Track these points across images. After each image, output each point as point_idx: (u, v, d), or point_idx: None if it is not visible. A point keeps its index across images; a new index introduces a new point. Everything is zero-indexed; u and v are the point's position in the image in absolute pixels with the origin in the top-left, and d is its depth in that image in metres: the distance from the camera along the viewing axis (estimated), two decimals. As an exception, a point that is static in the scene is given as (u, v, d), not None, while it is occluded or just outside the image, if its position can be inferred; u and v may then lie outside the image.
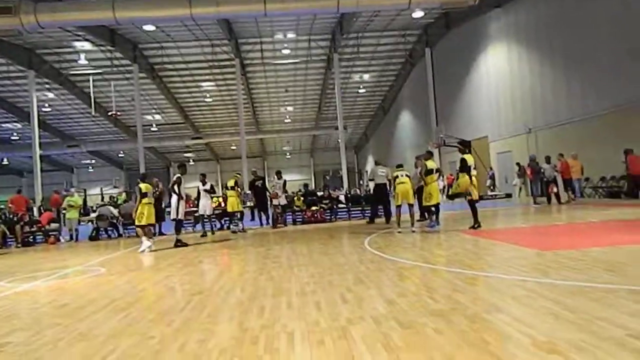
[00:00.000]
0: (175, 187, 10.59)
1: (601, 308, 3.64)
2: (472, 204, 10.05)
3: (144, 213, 10.37)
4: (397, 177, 10.59)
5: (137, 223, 10.51)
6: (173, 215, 10.74)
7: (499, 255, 6.52)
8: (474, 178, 10.10)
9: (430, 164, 10.49)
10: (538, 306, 3.84)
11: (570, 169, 15.69)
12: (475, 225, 9.83)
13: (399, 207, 10.58)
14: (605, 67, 16.12)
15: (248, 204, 17.67)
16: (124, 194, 30.70)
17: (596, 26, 16.35)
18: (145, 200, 10.51)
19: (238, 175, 15.01)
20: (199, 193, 13.07)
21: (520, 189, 20.93)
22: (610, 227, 8.97)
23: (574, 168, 15.74)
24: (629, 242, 6.69)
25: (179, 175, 10.87)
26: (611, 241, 6.90)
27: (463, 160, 10.02)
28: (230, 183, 14.22)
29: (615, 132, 15.51)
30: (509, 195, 21.74)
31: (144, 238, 10.26)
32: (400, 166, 11.06)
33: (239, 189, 14.16)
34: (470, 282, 4.93)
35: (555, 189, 15.93)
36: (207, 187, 13.24)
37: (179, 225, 10.90)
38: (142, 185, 10.75)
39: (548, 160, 16.06)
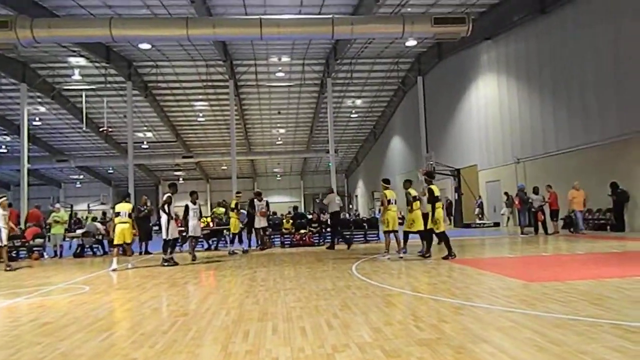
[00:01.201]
0: (166, 207, 10.58)
1: (585, 342, 3.67)
2: (441, 235, 10.03)
3: (116, 232, 10.60)
4: (390, 201, 10.50)
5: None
6: (164, 235, 10.79)
7: (486, 285, 6.54)
8: (439, 209, 10.10)
9: (436, 190, 10.24)
10: (523, 338, 3.86)
11: (572, 200, 15.16)
12: (451, 255, 9.74)
13: (390, 233, 10.49)
14: (591, 101, 16.51)
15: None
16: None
17: (583, 60, 16.80)
18: (117, 220, 10.70)
19: (239, 196, 14.87)
20: (186, 212, 12.04)
21: (508, 218, 21.12)
22: (596, 259, 9.05)
23: (575, 199, 15.14)
24: (614, 275, 6.76)
25: (169, 194, 10.86)
26: (597, 274, 6.97)
27: (431, 191, 10.00)
28: (232, 204, 14.10)
29: (601, 165, 15.80)
30: (497, 224, 21.89)
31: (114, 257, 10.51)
32: (387, 184, 10.90)
33: (237, 211, 14.02)
34: (456, 311, 4.94)
35: (542, 217, 16.07)
36: (196, 207, 12.53)
37: (166, 245, 10.84)
38: (117, 205, 10.97)
39: (536, 191, 16.26)
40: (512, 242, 13.89)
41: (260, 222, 14.57)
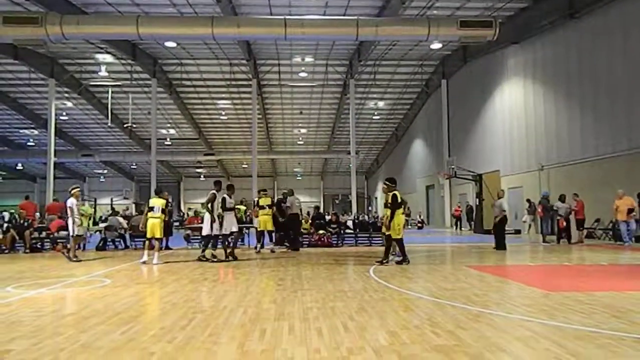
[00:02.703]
0: (209, 205, 10.75)
1: (606, 355, 3.59)
2: (398, 241, 9.84)
3: (147, 226, 10.85)
4: (401, 204, 9.94)
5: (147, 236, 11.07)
6: (204, 232, 11.05)
7: (505, 292, 6.45)
8: (402, 216, 9.90)
9: (397, 194, 9.92)
10: (542, 349, 3.79)
11: (616, 210, 14.19)
12: (385, 261, 9.71)
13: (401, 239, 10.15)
14: (619, 109, 16.14)
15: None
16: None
17: (612, 67, 16.44)
18: (149, 215, 10.90)
19: (266, 194, 14.39)
20: (224, 205, 11.02)
21: (529, 225, 20.75)
22: (619, 271, 8.84)
23: (620, 208, 14.07)
24: (638, 289, 6.60)
25: (214, 192, 10.90)
26: (620, 286, 6.80)
27: (395, 197, 9.75)
28: (266, 201, 13.85)
29: (627, 175, 15.42)
30: (517, 232, 21.54)
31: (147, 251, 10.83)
32: (394, 184, 10.18)
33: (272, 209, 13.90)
34: (474, 318, 4.88)
35: (564, 224, 15.66)
36: (232, 201, 11.52)
37: (207, 240, 11.17)
38: (151, 200, 11.22)
39: (563, 199, 15.88)
40: (533, 250, 13.65)
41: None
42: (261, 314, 5.18)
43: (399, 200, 9.83)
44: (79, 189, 11.86)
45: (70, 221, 11.37)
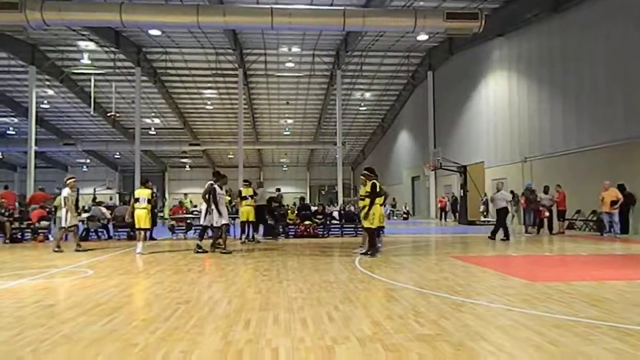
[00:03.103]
0: (206, 196, 10.65)
1: (583, 343, 3.67)
2: (371, 232, 9.69)
3: (134, 217, 10.88)
4: (380, 194, 9.80)
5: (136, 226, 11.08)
6: (201, 221, 11.10)
7: (488, 283, 6.54)
8: (380, 207, 9.75)
9: (377, 183, 9.82)
10: (522, 337, 3.86)
11: (601, 201, 14.09)
12: (369, 252, 9.60)
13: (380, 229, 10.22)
14: (602, 102, 16.37)
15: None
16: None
17: (595, 61, 16.64)
18: (135, 205, 10.92)
19: (249, 184, 14.21)
20: (214, 195, 10.67)
21: (512, 216, 20.99)
22: (599, 261, 9.02)
23: (605, 199, 13.96)
24: (616, 278, 6.75)
25: (211, 182, 10.74)
26: (599, 276, 6.95)
27: (374, 186, 9.56)
28: (249, 192, 13.69)
29: (608, 167, 15.68)
30: (501, 222, 21.77)
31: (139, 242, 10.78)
32: (373, 174, 10.04)
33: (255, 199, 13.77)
34: (457, 308, 4.94)
35: (547, 214, 15.94)
36: (223, 191, 11.24)
37: (203, 231, 11.26)
38: (137, 190, 11.24)
39: (546, 190, 16.12)
40: (516, 241, 13.86)
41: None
42: (246, 305, 5.19)
43: (378, 189, 9.70)
44: (74, 179, 11.84)
45: (63, 211, 11.33)
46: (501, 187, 14.37)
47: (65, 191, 11.38)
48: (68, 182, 11.58)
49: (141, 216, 10.82)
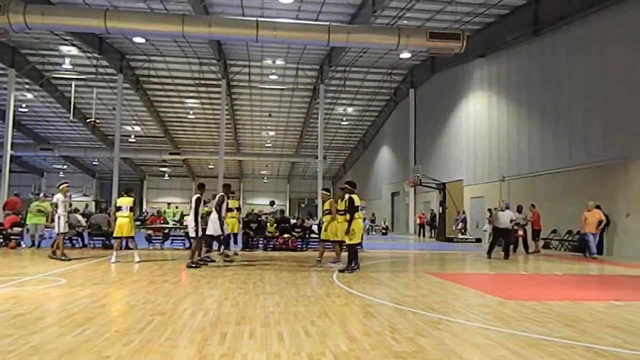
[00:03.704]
0: (196, 208, 10.33)
1: (557, 363, 3.71)
2: (351, 247, 9.59)
3: (116, 226, 10.85)
4: (358, 208, 9.69)
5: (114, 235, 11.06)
6: (191, 234, 10.56)
7: (464, 300, 6.59)
8: (360, 221, 9.68)
9: (357, 199, 9.75)
10: (497, 356, 3.89)
11: (584, 222, 13.96)
12: (348, 269, 9.40)
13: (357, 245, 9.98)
14: (578, 124, 16.80)
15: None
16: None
17: (572, 83, 17.10)
18: (118, 214, 10.90)
19: (234, 195, 13.90)
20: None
21: (490, 234, 21.25)
22: (573, 281, 9.18)
23: (588, 219, 13.84)
24: (590, 298, 6.87)
25: (199, 195, 10.47)
26: (573, 296, 7.06)
27: (352, 200, 9.43)
28: (234, 204, 13.41)
29: (584, 188, 16.03)
30: (478, 240, 22.08)
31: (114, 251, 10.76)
32: (353, 187, 9.92)
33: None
34: (434, 325, 4.96)
35: (521, 232, 16.09)
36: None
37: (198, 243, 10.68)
38: (119, 199, 11.17)
39: (520, 209, 16.33)
40: (493, 259, 14.01)
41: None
42: (222, 318, 5.12)
43: (356, 204, 9.51)
44: (67, 185, 11.62)
45: (56, 217, 11.13)
46: (503, 207, 14.07)
47: (57, 197, 11.24)
48: (61, 187, 11.38)
49: (124, 224, 10.76)
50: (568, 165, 17.07)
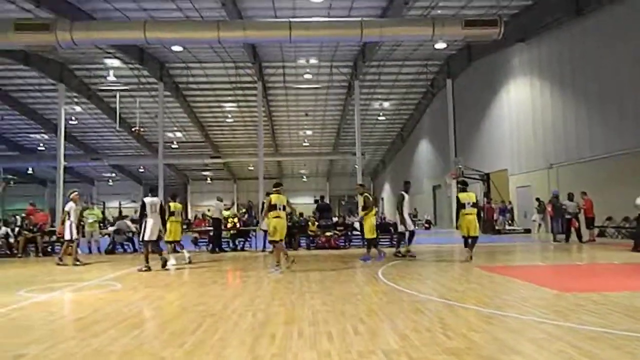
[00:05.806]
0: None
1: (622, 356, 3.55)
2: (370, 241, 10.77)
3: (171, 230, 11.18)
4: (463, 204, 10.49)
5: (165, 239, 11.31)
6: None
7: (517, 293, 6.39)
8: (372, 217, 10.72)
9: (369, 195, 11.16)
10: (556, 350, 3.75)
11: None
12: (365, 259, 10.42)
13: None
14: (627, 107, 15.99)
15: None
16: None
17: (619, 66, 16.28)
18: (172, 219, 11.22)
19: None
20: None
21: (539, 225, 20.59)
22: (633, 270, 8.74)
23: None
24: (651, 288, 6.52)
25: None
26: (634, 286, 6.73)
27: (367, 198, 10.57)
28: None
29: (635, 172, 15.24)
30: (527, 231, 21.39)
31: (170, 254, 11.08)
32: (464, 189, 11.00)
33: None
34: (487, 320, 4.84)
35: (576, 224, 15.49)
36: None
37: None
38: (171, 204, 11.49)
39: (571, 197, 15.72)
40: (544, 250, 13.56)
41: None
42: (270, 318, 5.17)
43: (366, 202, 10.68)
44: (77, 193, 11.99)
45: (67, 224, 11.44)
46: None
47: (69, 205, 11.56)
48: (72, 196, 11.72)
49: (178, 229, 11.28)
50: (618, 150, 16.27)
